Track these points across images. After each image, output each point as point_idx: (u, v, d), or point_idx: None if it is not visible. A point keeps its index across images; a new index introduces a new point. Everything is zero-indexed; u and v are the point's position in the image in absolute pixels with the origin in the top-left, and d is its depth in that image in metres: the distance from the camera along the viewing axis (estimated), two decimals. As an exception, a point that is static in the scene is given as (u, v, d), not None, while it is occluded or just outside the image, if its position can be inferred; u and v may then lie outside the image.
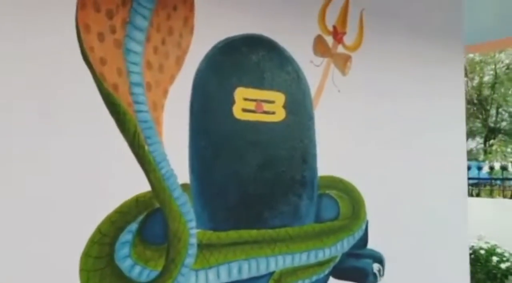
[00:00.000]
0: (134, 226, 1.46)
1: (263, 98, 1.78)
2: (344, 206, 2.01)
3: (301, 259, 1.84)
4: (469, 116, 19.20)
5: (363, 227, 2.07)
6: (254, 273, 1.70)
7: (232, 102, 1.70)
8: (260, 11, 1.81)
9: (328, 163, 1.95)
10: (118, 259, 1.42)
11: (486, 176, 6.83)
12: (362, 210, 2.07)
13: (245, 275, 1.68)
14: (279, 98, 1.83)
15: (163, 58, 1.56)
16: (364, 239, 2.06)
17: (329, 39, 2.01)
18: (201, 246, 1.59)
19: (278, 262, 1.77)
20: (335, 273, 1.94)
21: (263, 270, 1.72)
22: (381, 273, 2.09)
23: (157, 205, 1.51)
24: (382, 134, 2.16)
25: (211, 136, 1.65)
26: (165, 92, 1.56)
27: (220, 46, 1.69)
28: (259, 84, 1.77)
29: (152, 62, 1.54)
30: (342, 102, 2.02)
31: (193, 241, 1.57)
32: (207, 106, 1.64)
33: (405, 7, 2.29)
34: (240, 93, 1.72)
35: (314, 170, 1.92)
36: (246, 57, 1.75)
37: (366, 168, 2.08)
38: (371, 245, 2.08)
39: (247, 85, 1.74)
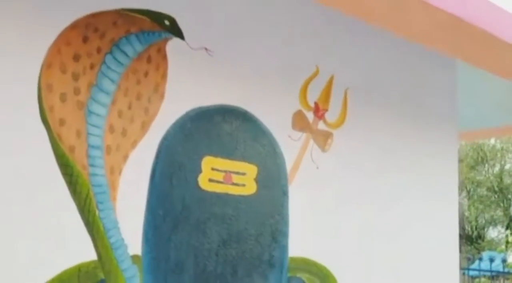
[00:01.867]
0: (72, 298, 1.36)
1: (233, 170, 1.72)
2: (316, 292, 1.86)
3: None
4: (490, 204, 18.68)
5: (338, 316, 1.90)
6: None
7: (198, 171, 1.64)
8: (239, 82, 1.80)
9: (301, 244, 1.83)
10: None
11: (501, 269, 6.44)
12: (337, 297, 1.91)
13: None
14: (251, 170, 1.76)
15: (127, 123, 1.53)
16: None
17: (310, 115, 1.97)
18: (147, 326, 1.46)
19: None
20: None
21: None
22: None
23: (102, 276, 1.41)
24: (363, 216, 2.05)
25: (171, 206, 1.57)
26: (125, 157, 1.52)
27: (192, 114, 1.66)
28: (229, 154, 1.72)
29: (115, 126, 1.51)
30: (321, 180, 1.94)
31: (139, 319, 1.45)
32: (170, 173, 1.58)
33: (394, 88, 2.27)
34: (208, 162, 1.66)
35: (284, 249, 1.80)
36: (218, 127, 1.71)
37: (344, 252, 1.95)
38: None
39: (217, 154, 1.69)
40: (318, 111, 1.99)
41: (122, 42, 1.55)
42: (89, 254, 1.40)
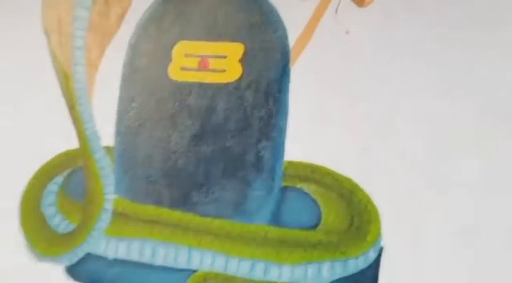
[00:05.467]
0: (60, 179, 1.59)
1: (210, 53, 1.42)
2: (331, 213, 1.28)
3: (240, 267, 1.35)
4: None
5: (370, 255, 1.23)
6: (170, 263, 1.42)
7: (169, 60, 1.47)
8: None
9: (310, 145, 1.30)
10: (43, 206, 1.59)
11: None
12: (370, 227, 1.23)
13: (159, 261, 1.43)
14: (235, 51, 1.40)
15: (104, 19, 1.57)
16: (369, 276, 1.23)
17: (338, -44, 1.31)
18: (117, 214, 1.50)
19: (205, 260, 1.39)
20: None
21: (182, 263, 1.41)
22: None
23: (81, 163, 1.56)
24: (421, 109, 1.18)
25: (142, 99, 1.50)
26: (102, 53, 1.57)
27: (164, -4, 1.50)
28: (207, 35, 1.43)
29: (94, 25, 1.58)
30: (350, 52, 1.28)
31: (108, 206, 1.51)
32: (140, 65, 1.51)
33: None
34: (181, 48, 1.46)
35: (277, 150, 1.33)
36: (195, 3, 1.45)
37: (383, 162, 1.22)
38: (388, 291, 1.21)
39: (191, 37, 1.45)
40: None
41: None
42: (74, 144, 1.58)
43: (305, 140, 1.30)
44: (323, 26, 1.31)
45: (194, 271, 1.39)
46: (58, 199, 1.58)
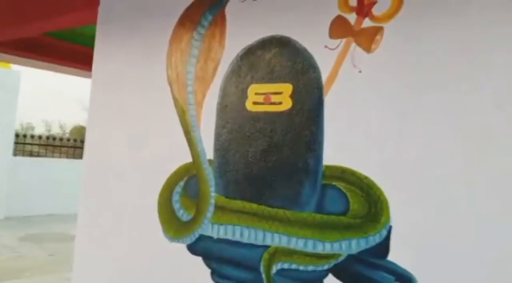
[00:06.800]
0: (182, 183, 2.31)
1: (271, 91, 2.01)
2: (355, 203, 1.75)
3: (298, 243, 1.89)
4: None
5: (383, 233, 1.68)
6: (252, 241, 2.03)
7: (246, 98, 2.09)
8: (279, 13, 2.01)
9: (338, 153, 1.80)
10: (173, 202, 2.33)
11: None
12: (382, 212, 1.68)
13: (245, 240, 2.05)
14: (287, 89, 1.96)
15: (204, 72, 2.26)
16: (382, 248, 1.68)
17: (353, 16, 1.79)
18: (217, 207, 2.16)
19: (274, 239, 1.96)
20: (341, 275, 1.78)
21: (259, 241, 2.00)
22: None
23: (194, 172, 2.26)
24: (419, 128, 1.58)
25: (228, 126, 2.14)
26: (204, 95, 2.25)
27: (241, 53, 2.12)
28: (269, 79, 2.02)
29: (199, 76, 2.28)
30: (363, 85, 1.75)
31: (212, 201, 2.18)
32: (227, 102, 2.15)
33: None
34: (253, 89, 2.07)
35: (318, 158, 1.85)
36: (260, 58, 2.05)
37: (392, 165, 1.65)
38: (397, 260, 1.65)
39: (259, 81, 2.05)
40: (363, 9, 1.77)
41: (201, 19, 2.28)
42: (189, 158, 2.29)
43: (337, 149, 1.80)
44: (344, 68, 1.80)
45: (269, 246, 1.98)
46: (181, 197, 2.30)
